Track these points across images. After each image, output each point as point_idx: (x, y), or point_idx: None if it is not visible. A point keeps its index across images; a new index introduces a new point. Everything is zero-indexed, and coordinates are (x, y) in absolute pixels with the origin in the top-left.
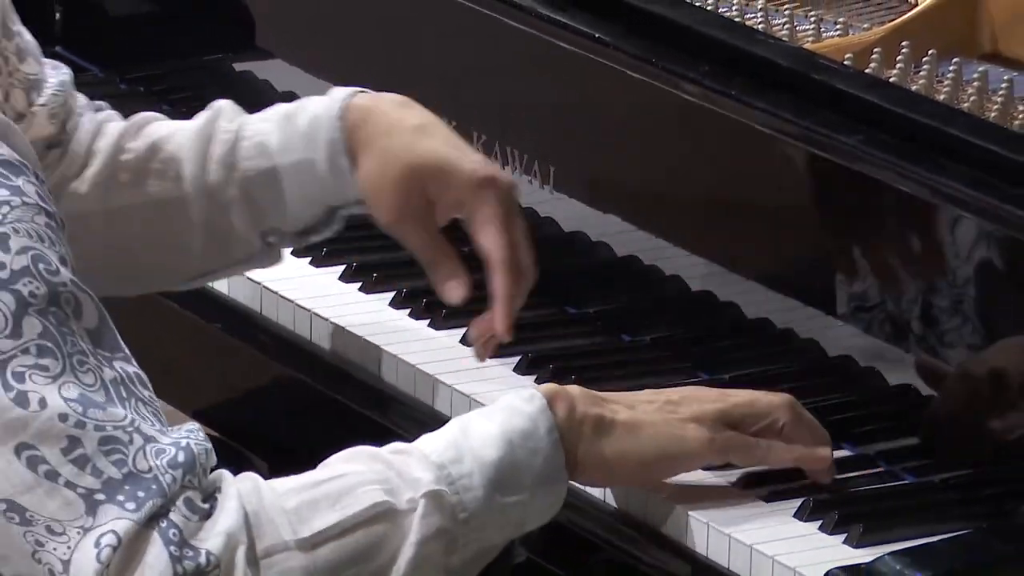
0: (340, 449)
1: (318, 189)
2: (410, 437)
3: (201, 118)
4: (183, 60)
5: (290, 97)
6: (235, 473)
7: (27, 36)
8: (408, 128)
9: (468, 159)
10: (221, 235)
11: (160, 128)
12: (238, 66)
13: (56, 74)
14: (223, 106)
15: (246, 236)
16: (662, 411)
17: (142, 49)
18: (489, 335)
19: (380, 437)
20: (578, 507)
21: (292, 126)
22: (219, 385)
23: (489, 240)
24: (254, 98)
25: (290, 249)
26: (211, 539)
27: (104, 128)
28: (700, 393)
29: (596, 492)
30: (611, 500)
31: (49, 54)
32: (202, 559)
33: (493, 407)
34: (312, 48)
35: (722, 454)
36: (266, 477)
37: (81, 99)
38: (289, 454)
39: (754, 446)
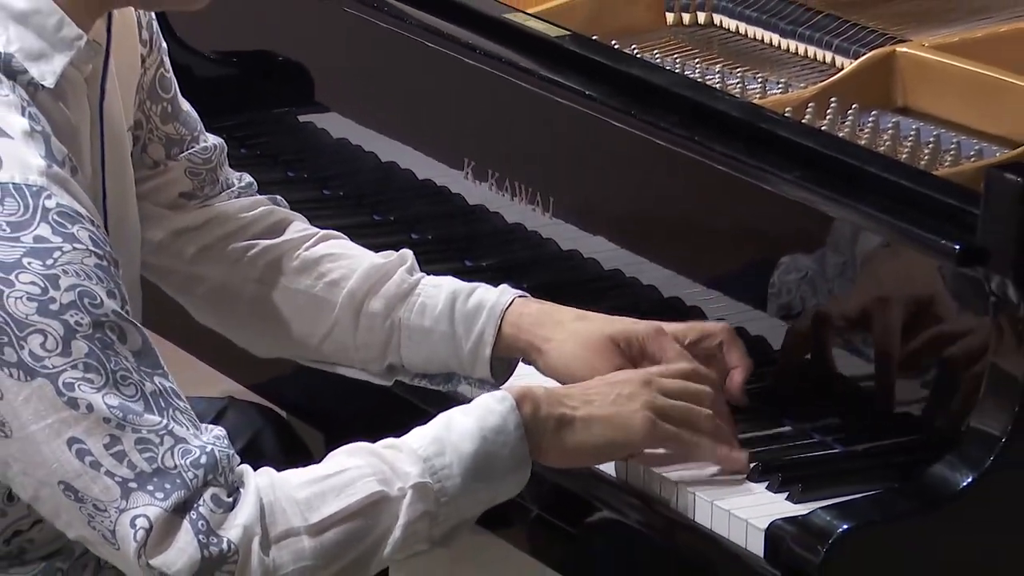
0: (384, 423)
1: (453, 359)
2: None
3: (384, 256)
4: (258, 112)
5: (343, 143)
6: (290, 444)
7: (184, 106)
8: (580, 315)
9: (634, 324)
10: (343, 344)
11: (339, 242)
12: (301, 118)
13: (206, 141)
14: (409, 256)
15: (373, 356)
16: (615, 404)
17: (226, 104)
18: None
19: (417, 413)
20: (579, 473)
21: (458, 304)
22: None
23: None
24: (314, 142)
25: None
26: (232, 530)
27: (282, 219)
28: (647, 379)
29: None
30: (608, 470)
31: None
32: (224, 546)
33: (472, 404)
34: (360, 104)
35: (659, 442)
36: (322, 448)
37: (242, 177)
38: (344, 427)
39: (685, 440)
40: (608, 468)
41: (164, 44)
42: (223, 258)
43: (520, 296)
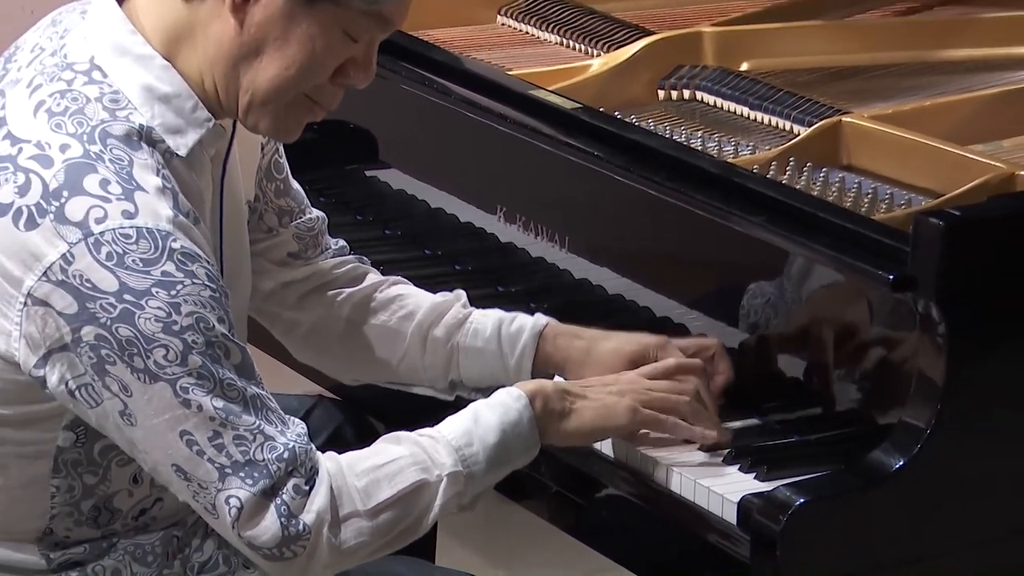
0: (423, 416)
1: (501, 372)
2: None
3: (443, 295)
4: (331, 169)
5: (400, 193)
6: (364, 433)
7: (294, 185)
8: (603, 335)
9: (647, 339)
10: (414, 367)
11: (405, 287)
12: (368, 173)
13: (311, 213)
14: (462, 294)
15: (437, 374)
16: (605, 396)
17: (309, 162)
18: None
19: (454, 406)
20: (589, 457)
21: (503, 328)
22: None
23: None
24: (377, 191)
25: None
26: (308, 514)
27: (362, 271)
28: (637, 377)
29: (599, 447)
30: (608, 452)
31: None
32: (301, 527)
33: (494, 399)
34: (414, 162)
35: (642, 425)
36: (382, 434)
37: (337, 242)
38: (404, 419)
39: (663, 422)
40: (610, 451)
41: None
42: (318, 304)
43: (553, 321)
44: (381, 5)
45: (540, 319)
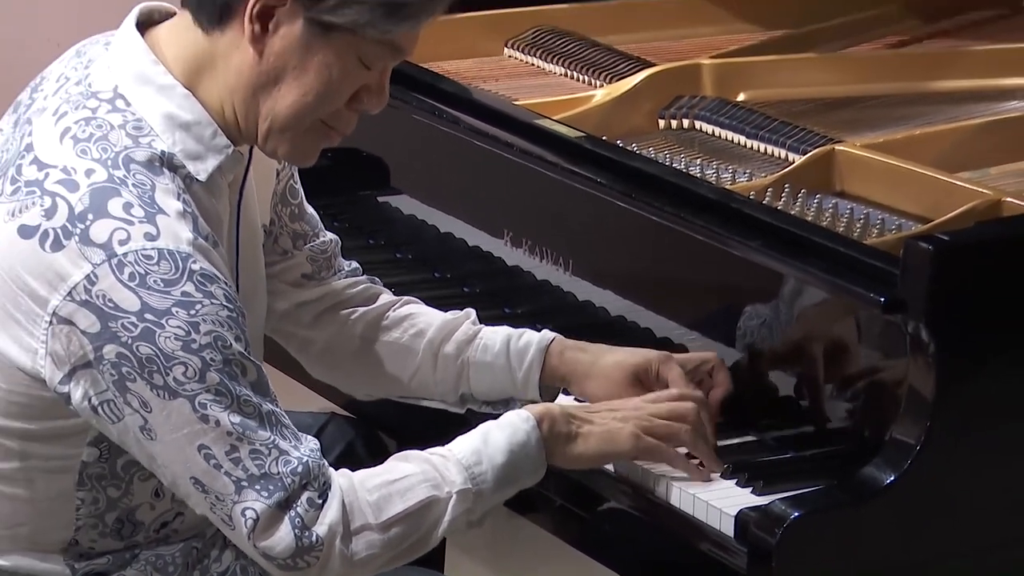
0: (433, 433)
1: (510, 386)
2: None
3: (453, 313)
4: (345, 195)
5: (411, 218)
6: (375, 449)
7: (309, 209)
8: (607, 349)
9: (649, 353)
10: (426, 382)
11: (417, 306)
12: (380, 198)
13: (325, 236)
14: (471, 312)
15: (448, 389)
16: (610, 423)
17: (324, 188)
18: None
19: (463, 423)
20: (592, 472)
21: (511, 343)
22: None
23: (680, 385)
24: (389, 216)
25: None
26: (321, 527)
27: (375, 291)
28: (642, 404)
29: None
30: (610, 467)
31: None
32: (314, 539)
33: (503, 420)
34: (424, 188)
35: (643, 454)
36: (394, 451)
37: (350, 264)
38: (414, 435)
39: (663, 452)
40: (612, 466)
41: None
42: (332, 322)
43: (559, 336)
44: (394, 34)
45: (547, 334)
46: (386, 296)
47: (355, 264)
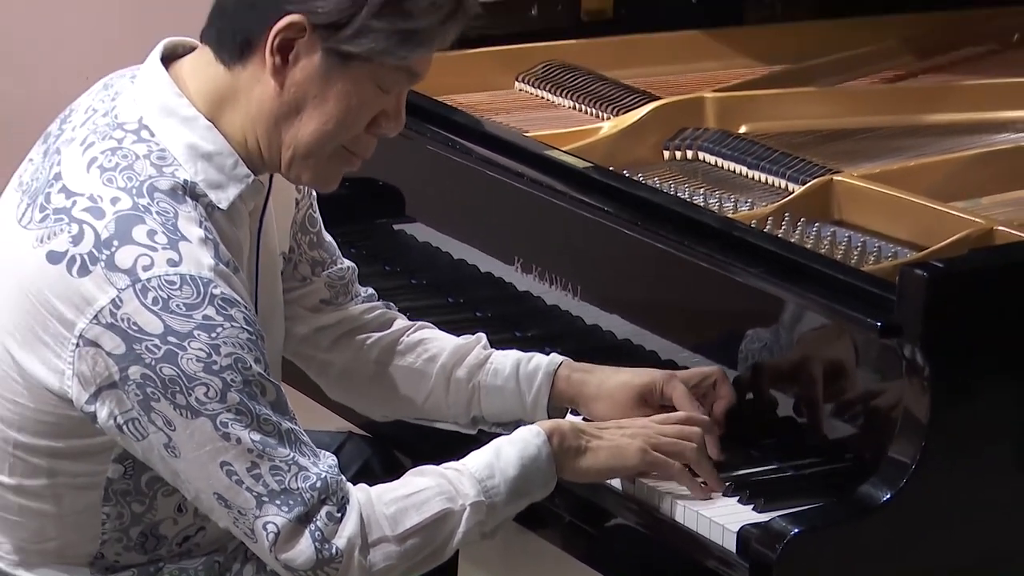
0: (446, 451)
1: (519, 408)
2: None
3: (465, 338)
4: (362, 223)
5: (425, 245)
6: (391, 466)
7: (327, 237)
8: (613, 371)
9: (654, 373)
10: (439, 404)
11: (430, 331)
12: (395, 226)
13: (342, 263)
14: (482, 336)
15: (460, 411)
16: (618, 439)
17: (341, 216)
18: None
19: (475, 441)
20: (599, 489)
21: (521, 367)
22: None
23: (686, 406)
24: (404, 243)
25: None
26: (340, 539)
27: (391, 317)
28: (649, 423)
29: (611, 482)
30: (617, 484)
31: None
32: (334, 551)
33: (515, 435)
34: (438, 216)
35: (650, 468)
36: (408, 467)
37: (367, 290)
38: (429, 454)
39: (669, 467)
40: (619, 484)
41: (315, 192)
42: (349, 347)
43: (567, 359)
44: (410, 60)
45: (555, 358)
46: (401, 321)
47: (371, 291)
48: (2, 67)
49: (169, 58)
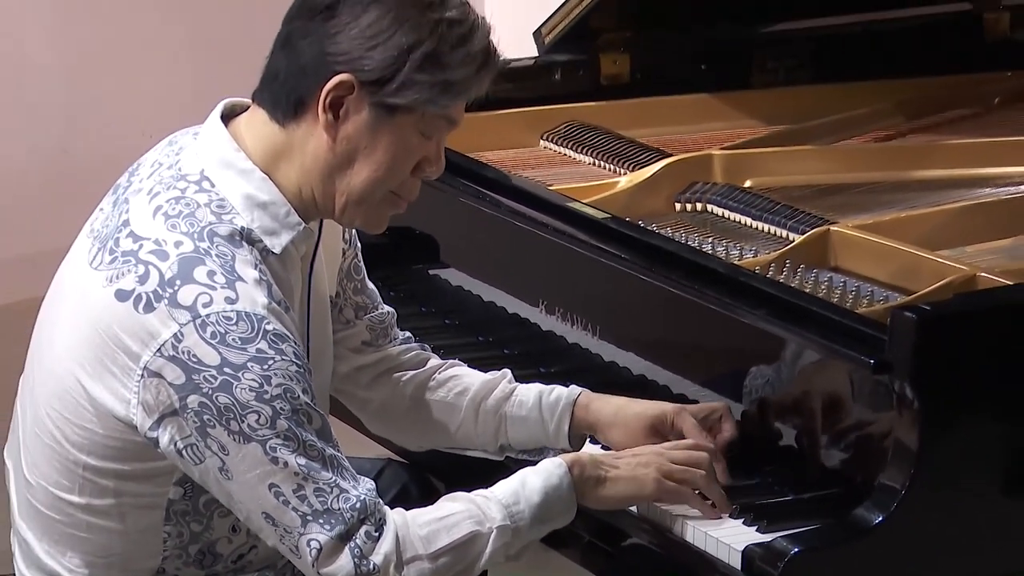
0: (484, 476)
1: (543, 436)
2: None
3: (492, 373)
4: (402, 267)
5: (458, 288)
6: (426, 491)
7: (370, 285)
8: (628, 402)
9: (665, 405)
10: (469, 434)
11: (460, 368)
12: (431, 271)
13: (383, 309)
14: (508, 372)
15: (488, 440)
16: (635, 469)
17: (381, 261)
18: None
19: (503, 469)
20: (616, 511)
21: (543, 398)
22: None
23: (695, 436)
24: (438, 287)
25: None
26: (377, 556)
27: (425, 357)
28: (662, 451)
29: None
30: (634, 510)
31: None
32: (372, 567)
33: (539, 467)
34: (471, 262)
35: (665, 495)
36: (443, 493)
37: (404, 334)
38: (461, 479)
39: (682, 494)
40: (636, 508)
41: (359, 243)
42: (387, 384)
43: (586, 391)
44: (450, 108)
45: (575, 389)
46: (434, 360)
47: (408, 334)
48: (75, 129)
49: (228, 116)
